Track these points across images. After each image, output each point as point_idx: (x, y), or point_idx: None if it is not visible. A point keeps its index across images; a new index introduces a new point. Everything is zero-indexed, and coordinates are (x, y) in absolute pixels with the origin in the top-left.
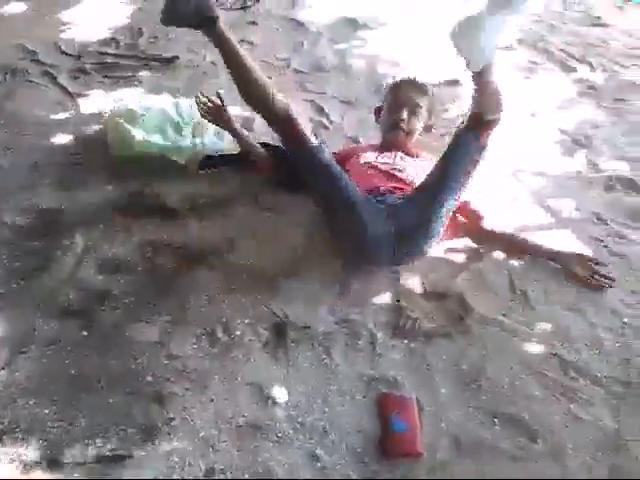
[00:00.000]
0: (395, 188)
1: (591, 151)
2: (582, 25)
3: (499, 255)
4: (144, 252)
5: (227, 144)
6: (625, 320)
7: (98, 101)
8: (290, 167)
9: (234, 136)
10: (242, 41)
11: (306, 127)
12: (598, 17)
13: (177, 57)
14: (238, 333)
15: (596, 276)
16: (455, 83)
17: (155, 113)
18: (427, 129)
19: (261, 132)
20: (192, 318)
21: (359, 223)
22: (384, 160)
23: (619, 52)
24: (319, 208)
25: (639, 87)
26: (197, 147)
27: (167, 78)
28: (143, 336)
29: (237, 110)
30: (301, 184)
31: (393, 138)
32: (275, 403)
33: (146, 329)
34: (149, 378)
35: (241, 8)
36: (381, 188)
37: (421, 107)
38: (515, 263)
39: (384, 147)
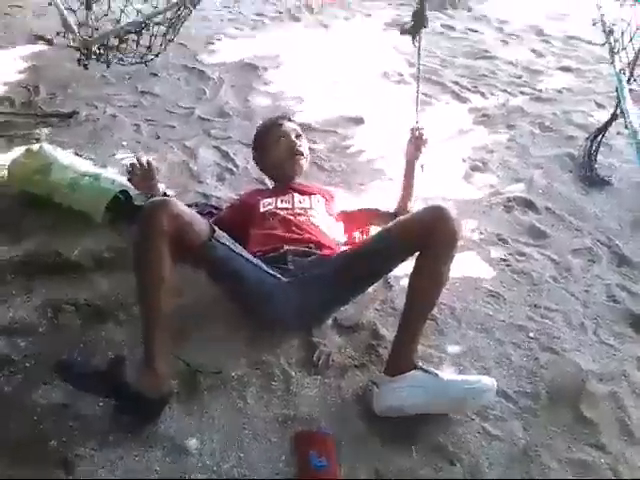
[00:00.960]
0: (299, 242)
1: (489, 175)
2: (471, 58)
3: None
4: (45, 312)
5: None
6: (531, 334)
7: None
8: None
9: None
10: (145, 93)
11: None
12: (485, 50)
13: (76, 112)
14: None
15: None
16: (359, 121)
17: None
18: None
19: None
20: None
21: (262, 306)
22: (284, 205)
23: (506, 81)
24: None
25: (525, 112)
26: (116, 183)
27: (66, 134)
28: (46, 399)
29: None
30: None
31: (296, 165)
32: (189, 454)
33: (49, 392)
34: (53, 443)
35: (142, 62)
36: (285, 248)
37: (300, 132)
38: None
39: (279, 189)
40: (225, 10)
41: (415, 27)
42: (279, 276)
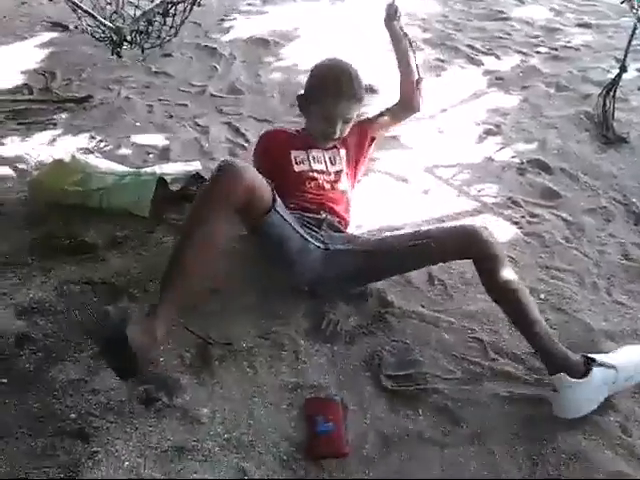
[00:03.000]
0: (333, 213)
1: (502, 137)
2: (485, 20)
3: None
4: (63, 292)
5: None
6: (542, 296)
7: (13, 148)
8: None
9: None
10: (158, 73)
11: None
12: (500, 11)
13: (91, 96)
14: (161, 360)
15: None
16: (370, 90)
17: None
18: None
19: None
20: None
21: (295, 270)
22: (317, 167)
23: (521, 42)
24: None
25: (540, 72)
26: (157, 173)
27: (82, 117)
28: (65, 375)
29: (154, 139)
30: None
31: (324, 144)
32: (201, 423)
33: (68, 368)
34: (73, 415)
35: (160, 45)
36: (324, 215)
37: (353, 117)
38: None
39: (309, 138)
40: None
41: None
42: (317, 244)
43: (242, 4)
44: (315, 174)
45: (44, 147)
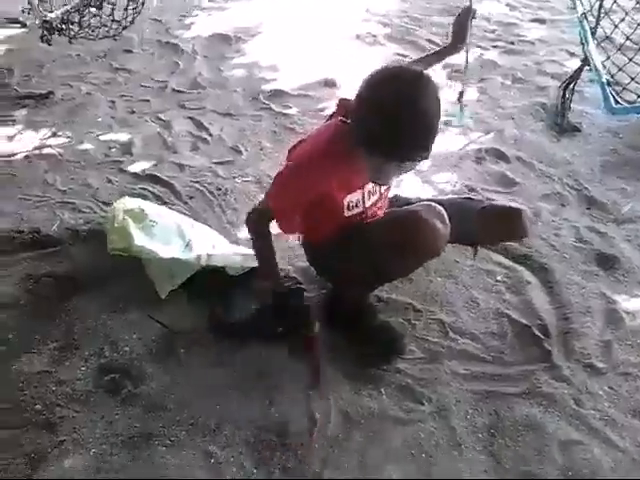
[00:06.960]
0: None
1: (461, 128)
2: (444, 15)
3: None
4: (26, 286)
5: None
6: (498, 278)
7: None
8: None
9: None
10: (119, 69)
11: None
12: (458, 7)
13: (52, 92)
14: (127, 349)
15: None
16: (333, 84)
17: (166, 226)
18: None
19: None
20: (80, 342)
21: None
22: (372, 199)
23: (479, 36)
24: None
25: (497, 65)
26: (202, 260)
27: (43, 114)
28: (30, 367)
29: (116, 134)
30: None
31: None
32: (167, 409)
33: (33, 360)
34: (38, 407)
35: (111, 37)
36: None
37: None
38: None
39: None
40: None
41: None
42: None
43: (204, 0)
44: (367, 211)
45: (3, 143)
